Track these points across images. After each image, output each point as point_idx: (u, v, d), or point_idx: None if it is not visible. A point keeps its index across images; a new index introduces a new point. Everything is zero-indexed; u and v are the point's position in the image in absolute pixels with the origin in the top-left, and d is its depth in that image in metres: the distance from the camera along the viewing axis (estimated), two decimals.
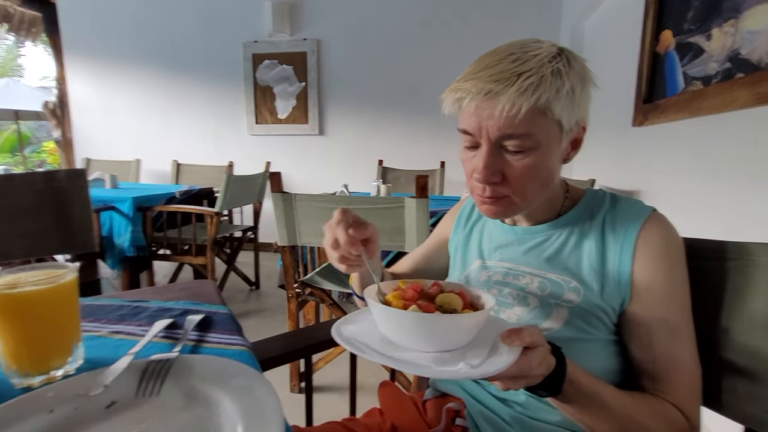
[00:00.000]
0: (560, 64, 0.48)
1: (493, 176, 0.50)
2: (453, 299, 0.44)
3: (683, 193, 1.54)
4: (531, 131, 0.48)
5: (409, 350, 0.41)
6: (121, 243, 2.15)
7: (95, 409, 0.37)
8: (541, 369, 0.41)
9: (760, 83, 1.13)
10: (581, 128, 0.54)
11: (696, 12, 1.50)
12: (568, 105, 0.48)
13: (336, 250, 0.50)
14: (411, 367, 0.39)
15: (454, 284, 0.50)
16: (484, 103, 0.48)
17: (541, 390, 0.44)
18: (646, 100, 1.86)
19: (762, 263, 0.49)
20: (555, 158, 0.52)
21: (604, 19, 2.57)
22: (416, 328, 0.40)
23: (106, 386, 0.37)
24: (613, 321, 0.53)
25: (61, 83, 4.12)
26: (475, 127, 0.50)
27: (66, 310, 0.43)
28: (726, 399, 0.52)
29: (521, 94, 0.45)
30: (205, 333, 0.53)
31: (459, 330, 0.41)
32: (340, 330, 0.45)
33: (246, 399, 0.37)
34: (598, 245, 0.53)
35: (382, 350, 0.41)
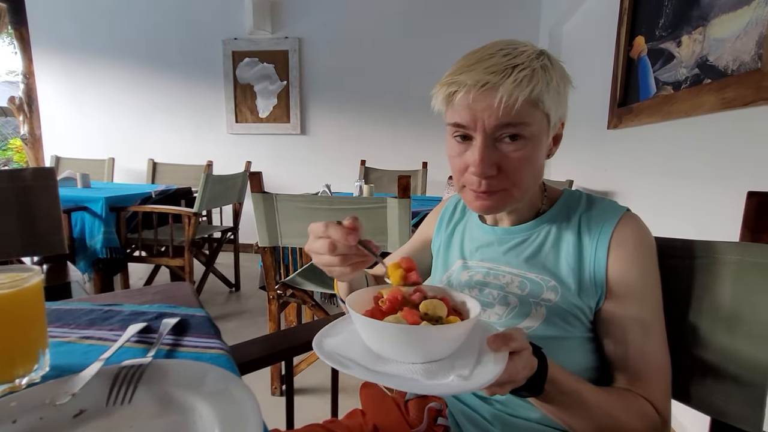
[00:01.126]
0: (545, 60, 0.50)
1: (490, 169, 0.51)
2: (438, 306, 0.42)
3: (655, 193, 1.60)
4: (526, 122, 0.49)
5: (395, 362, 0.39)
6: (93, 245, 2.07)
7: (62, 418, 0.35)
8: (526, 371, 0.41)
9: (725, 89, 1.18)
10: (561, 124, 0.56)
11: (667, 19, 1.56)
12: (555, 99, 0.50)
13: (334, 253, 0.45)
14: (399, 382, 0.37)
15: (437, 289, 0.48)
16: (480, 95, 0.48)
17: (524, 391, 0.44)
18: (620, 104, 1.92)
19: (727, 261, 0.52)
20: (544, 151, 0.54)
21: (581, 24, 2.64)
22: (402, 340, 0.38)
23: (74, 394, 0.36)
24: (589, 319, 0.54)
25: (29, 78, 3.94)
26: (469, 120, 0.50)
27: (31, 315, 0.41)
28: (694, 392, 0.54)
29: (518, 85, 0.47)
30: (181, 337, 0.52)
31: (447, 340, 0.39)
32: (322, 344, 0.42)
33: (223, 404, 0.36)
34: (575, 245, 0.55)
35: (366, 364, 0.39)
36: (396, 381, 0.37)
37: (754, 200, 0.50)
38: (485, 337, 0.40)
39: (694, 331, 0.55)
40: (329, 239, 0.45)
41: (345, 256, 0.45)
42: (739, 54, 1.15)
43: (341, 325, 0.47)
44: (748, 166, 1.11)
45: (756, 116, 1.08)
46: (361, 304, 0.46)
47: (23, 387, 0.40)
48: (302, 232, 1.48)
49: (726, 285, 0.52)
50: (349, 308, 0.43)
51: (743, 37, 1.14)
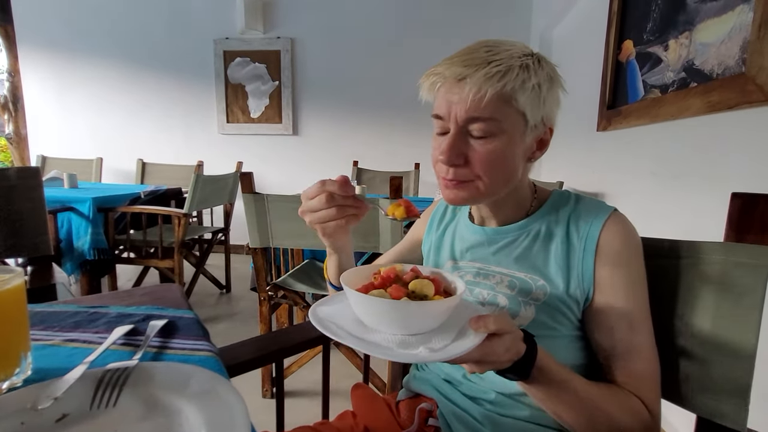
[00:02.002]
0: (530, 61, 0.51)
1: (457, 158, 0.52)
2: (425, 285, 0.45)
3: (644, 194, 1.62)
4: (495, 116, 0.50)
5: (377, 332, 0.43)
6: (80, 246, 2.03)
7: (44, 423, 0.34)
8: (509, 354, 0.42)
9: (711, 92, 1.20)
10: (548, 129, 0.56)
11: (655, 24, 1.58)
12: (533, 99, 0.50)
13: (331, 204, 0.49)
14: (373, 349, 0.39)
15: (430, 270, 0.51)
16: (454, 87, 0.50)
17: (510, 374, 0.45)
18: (609, 106, 1.95)
19: (712, 261, 0.52)
20: (518, 151, 0.53)
21: (572, 27, 2.67)
22: (384, 313, 0.41)
23: (57, 398, 0.35)
24: (577, 317, 0.55)
25: (14, 76, 3.86)
26: (445, 111, 0.52)
27: (12, 318, 0.40)
28: (680, 390, 0.55)
29: (488, 79, 0.48)
30: (169, 339, 0.51)
31: (425, 315, 0.42)
32: (316, 311, 0.46)
33: (210, 406, 0.35)
34: (563, 244, 0.55)
35: (353, 332, 0.42)
36: (371, 348, 0.40)
37: (738, 201, 0.51)
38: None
39: (680, 330, 0.55)
40: (326, 192, 0.49)
41: (341, 208, 0.50)
42: (724, 58, 1.18)
43: (339, 297, 0.51)
44: (733, 167, 1.13)
45: (740, 119, 1.11)
46: (356, 279, 0.49)
47: (4, 391, 0.39)
48: (294, 233, 1.48)
49: (711, 285, 0.53)
50: (342, 281, 0.46)
51: (728, 41, 1.16)
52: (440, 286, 0.47)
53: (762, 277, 0.49)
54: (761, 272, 0.49)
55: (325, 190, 0.50)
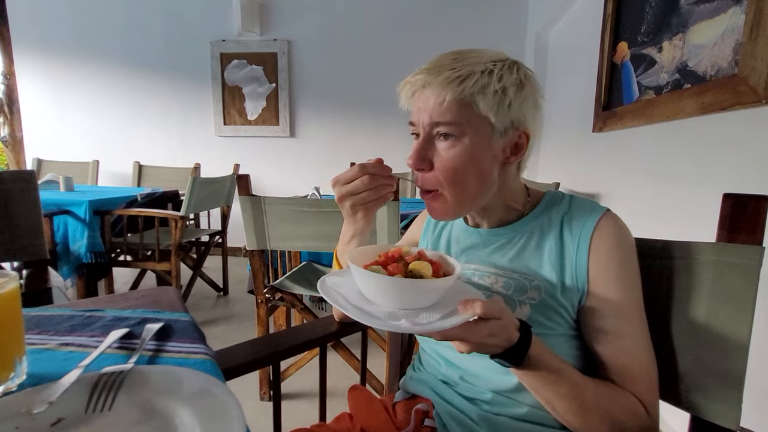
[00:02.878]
0: (497, 67, 0.51)
1: (421, 162, 0.54)
2: (424, 267, 0.47)
3: (639, 194, 1.63)
4: (456, 121, 0.51)
5: (374, 305, 0.46)
6: (77, 249, 2.02)
7: (39, 427, 0.34)
8: (497, 340, 0.43)
9: (704, 93, 1.22)
10: (522, 133, 0.55)
11: (648, 25, 1.60)
12: (494, 103, 0.51)
13: (374, 183, 0.53)
14: (365, 317, 0.43)
15: (434, 253, 0.53)
16: (420, 94, 0.53)
17: (501, 359, 0.46)
18: (605, 107, 1.96)
19: (705, 261, 0.53)
20: (485, 155, 0.54)
21: (567, 29, 2.69)
22: (378, 286, 0.45)
23: (51, 402, 0.35)
24: (572, 317, 0.55)
25: (10, 78, 3.85)
26: (416, 118, 0.55)
27: (6, 322, 0.40)
28: (674, 389, 0.55)
29: (447, 84, 0.50)
30: (165, 342, 0.51)
31: (417, 292, 0.45)
32: (325, 280, 0.50)
33: (207, 410, 0.35)
34: (557, 244, 0.55)
35: (352, 301, 0.46)
36: (363, 316, 0.43)
37: (729, 202, 0.52)
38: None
39: (674, 330, 0.56)
40: (368, 174, 0.53)
41: (382, 186, 0.54)
42: (716, 60, 1.19)
43: (348, 271, 0.53)
44: (726, 168, 1.14)
45: (733, 120, 1.12)
46: (363, 257, 0.52)
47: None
48: (291, 235, 1.48)
49: (704, 284, 0.53)
50: (348, 256, 0.49)
51: (720, 43, 1.17)
52: (439, 270, 0.48)
53: (753, 277, 0.49)
54: (753, 272, 0.49)
55: (367, 172, 0.53)
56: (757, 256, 0.49)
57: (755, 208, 0.50)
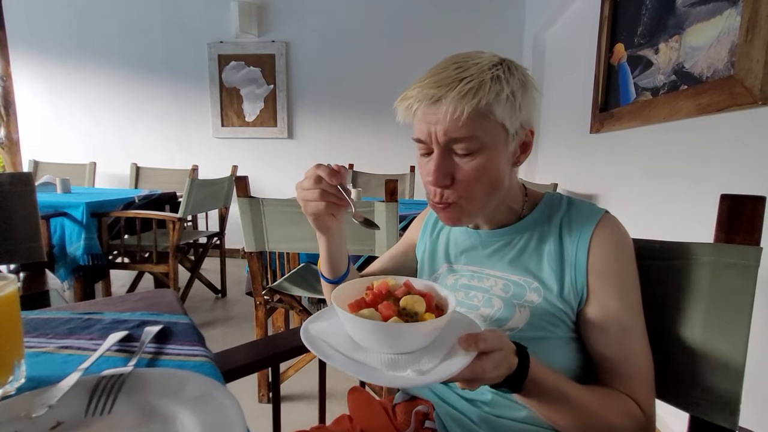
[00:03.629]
0: (500, 71, 0.50)
1: (444, 179, 0.52)
2: (416, 302, 0.45)
3: (637, 195, 1.64)
4: (475, 134, 0.50)
5: (368, 350, 0.43)
6: (73, 251, 2.01)
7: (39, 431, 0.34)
8: (499, 371, 0.42)
9: (701, 95, 1.22)
10: (528, 132, 0.56)
11: (645, 27, 1.61)
12: (509, 108, 0.50)
13: (317, 186, 0.53)
14: (363, 371, 0.40)
15: (423, 283, 0.51)
16: (430, 109, 0.50)
17: (504, 387, 0.45)
18: (602, 109, 1.97)
19: (702, 262, 0.53)
20: (502, 160, 0.54)
21: (564, 30, 2.70)
22: (374, 333, 0.42)
23: (51, 406, 0.35)
24: (572, 319, 0.55)
25: (6, 80, 3.83)
26: (425, 134, 0.52)
27: (5, 325, 0.40)
28: (673, 390, 0.56)
29: (462, 98, 0.48)
30: (164, 345, 0.51)
31: (416, 335, 0.42)
32: (308, 329, 0.46)
33: (207, 412, 0.35)
34: (557, 246, 0.56)
35: (344, 351, 0.43)
36: (361, 370, 0.40)
37: (727, 202, 0.52)
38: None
39: (673, 330, 0.56)
40: (316, 175, 0.53)
41: (324, 192, 0.53)
42: (713, 61, 1.20)
43: (332, 312, 0.51)
44: (723, 169, 1.15)
45: (729, 121, 1.12)
46: (348, 294, 0.49)
47: None
48: (289, 237, 1.48)
49: (702, 285, 0.53)
50: (332, 299, 0.45)
51: (716, 45, 1.18)
52: (432, 302, 0.46)
53: (751, 277, 0.50)
54: (750, 272, 0.50)
55: (315, 173, 0.53)
56: (754, 257, 0.50)
57: (752, 209, 0.50)
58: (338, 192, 0.54)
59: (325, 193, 0.53)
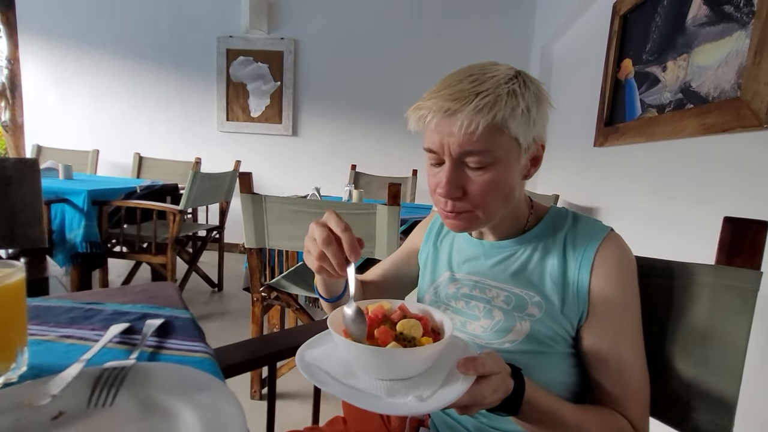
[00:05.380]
0: (516, 85, 0.50)
1: (455, 191, 0.52)
2: (413, 327, 0.44)
3: (638, 211, 1.64)
4: (489, 148, 0.50)
5: (366, 377, 0.42)
6: (72, 238, 2.01)
7: (40, 420, 0.34)
8: (497, 395, 0.42)
9: (706, 115, 1.23)
10: (540, 146, 0.56)
11: (654, 44, 1.61)
12: (523, 123, 0.50)
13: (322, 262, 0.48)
14: (363, 398, 0.38)
15: (418, 307, 0.50)
16: (444, 121, 0.50)
17: (501, 411, 0.45)
18: (607, 123, 1.98)
19: (703, 282, 0.54)
20: (515, 174, 0.54)
21: (572, 43, 2.71)
22: (372, 360, 0.41)
23: (54, 396, 0.35)
24: (571, 335, 0.55)
25: (14, 63, 3.83)
26: (438, 145, 0.52)
27: (11, 313, 0.40)
28: (669, 408, 0.56)
29: (478, 112, 0.48)
30: (165, 339, 0.51)
31: (413, 361, 0.41)
32: (303, 356, 0.45)
33: (207, 410, 0.35)
34: (560, 262, 0.56)
35: (341, 378, 0.42)
36: (360, 397, 0.39)
37: (730, 226, 0.53)
38: (460, 358, 0.42)
39: (671, 349, 0.56)
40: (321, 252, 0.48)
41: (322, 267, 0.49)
42: (720, 82, 1.20)
43: (326, 337, 0.49)
44: (726, 190, 1.15)
45: (734, 142, 1.13)
46: (342, 322, 0.47)
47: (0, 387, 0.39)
48: (290, 235, 1.48)
49: (701, 306, 0.54)
50: (329, 324, 0.44)
51: (724, 66, 1.19)
52: (428, 326, 0.46)
53: (750, 301, 0.50)
54: (749, 296, 0.50)
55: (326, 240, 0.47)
56: (755, 281, 0.50)
57: (755, 234, 0.51)
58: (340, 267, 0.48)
59: (322, 269, 0.49)
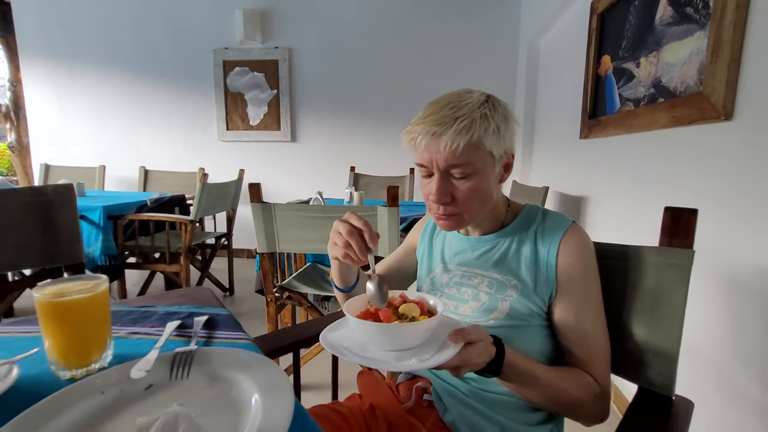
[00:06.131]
0: (486, 109, 0.62)
1: (445, 197, 0.64)
2: (412, 308, 0.55)
3: (620, 199, 1.75)
4: (469, 161, 0.62)
5: (377, 350, 0.53)
6: (92, 252, 2.13)
7: (137, 390, 0.46)
8: (482, 357, 0.54)
9: (675, 108, 1.34)
10: (510, 155, 0.69)
11: (628, 42, 1.72)
12: (495, 139, 0.63)
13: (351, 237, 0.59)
14: (377, 363, 0.50)
15: (415, 295, 0.61)
16: (431, 141, 0.62)
17: (486, 372, 0.57)
18: (590, 116, 2.09)
19: (649, 261, 0.65)
20: (492, 180, 0.66)
21: (557, 39, 2.81)
22: (381, 334, 0.52)
23: (147, 371, 0.47)
24: (544, 310, 0.67)
25: (16, 85, 3.94)
26: (427, 160, 0.64)
27: (102, 313, 0.52)
28: (627, 366, 0.68)
29: (458, 133, 0.60)
30: (213, 331, 0.63)
31: (413, 333, 0.52)
32: (327, 337, 0.56)
33: (260, 377, 0.47)
34: (532, 250, 0.68)
35: (357, 351, 0.53)
36: (375, 362, 0.50)
37: (668, 213, 0.64)
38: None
39: (627, 317, 0.68)
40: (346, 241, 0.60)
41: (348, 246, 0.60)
42: (685, 78, 1.32)
43: (340, 324, 0.61)
44: (695, 176, 1.26)
45: (698, 133, 1.24)
46: (355, 307, 0.59)
47: (96, 371, 0.51)
48: (298, 239, 1.59)
49: (649, 280, 0.66)
50: (345, 311, 0.56)
51: (688, 63, 1.30)
52: (424, 308, 0.57)
53: (686, 275, 0.62)
54: (685, 271, 0.62)
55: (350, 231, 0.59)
56: (689, 258, 0.62)
57: (687, 220, 0.62)
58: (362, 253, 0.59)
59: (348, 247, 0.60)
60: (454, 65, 3.46)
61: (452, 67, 3.46)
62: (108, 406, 0.43)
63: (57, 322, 0.48)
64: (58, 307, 0.48)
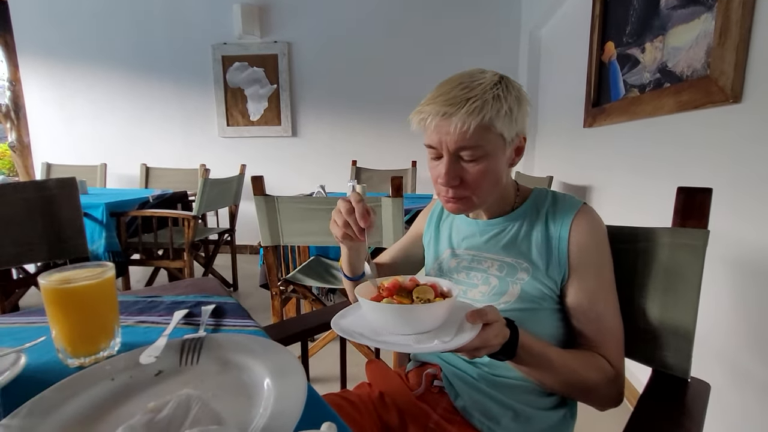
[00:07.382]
0: (499, 90, 0.60)
1: (454, 180, 0.63)
2: (426, 290, 0.54)
3: (625, 186, 1.74)
4: (480, 143, 0.60)
5: (391, 335, 0.51)
6: (95, 249, 2.13)
7: (147, 376, 0.45)
8: (498, 339, 0.52)
9: (681, 92, 1.32)
10: (522, 139, 0.67)
11: (632, 27, 1.70)
12: (507, 122, 0.61)
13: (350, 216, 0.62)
14: (396, 346, 0.48)
15: (427, 279, 0.59)
16: (441, 122, 0.60)
17: (500, 355, 0.56)
18: (594, 104, 2.07)
19: (662, 243, 0.64)
20: (502, 163, 0.65)
21: (559, 28, 2.78)
22: (397, 316, 0.50)
23: (157, 357, 0.46)
24: (556, 293, 0.66)
25: (15, 84, 3.93)
26: (437, 142, 0.62)
27: (109, 300, 0.51)
28: (641, 349, 0.67)
29: (469, 115, 0.58)
30: (220, 319, 0.62)
31: (431, 315, 0.50)
32: (339, 323, 0.55)
33: (271, 362, 0.46)
34: (543, 233, 0.67)
35: (371, 336, 0.51)
36: (393, 346, 0.49)
37: (682, 194, 0.63)
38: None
39: (640, 299, 0.67)
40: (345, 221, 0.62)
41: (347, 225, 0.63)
42: (692, 62, 1.30)
43: (350, 310, 0.60)
44: (701, 161, 1.25)
45: (705, 118, 1.22)
46: (366, 292, 0.58)
47: (104, 358, 0.50)
48: (302, 232, 1.59)
49: (662, 261, 0.64)
50: (358, 295, 0.55)
51: (695, 47, 1.28)
52: (438, 291, 0.56)
53: (700, 256, 0.61)
54: (699, 251, 0.61)
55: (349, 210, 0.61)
56: (703, 238, 0.61)
57: (701, 199, 0.61)
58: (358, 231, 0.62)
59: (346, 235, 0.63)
60: (455, 56, 3.43)
61: (453, 58, 3.43)
62: (118, 393, 0.42)
63: (64, 308, 0.47)
64: (64, 294, 0.47)
